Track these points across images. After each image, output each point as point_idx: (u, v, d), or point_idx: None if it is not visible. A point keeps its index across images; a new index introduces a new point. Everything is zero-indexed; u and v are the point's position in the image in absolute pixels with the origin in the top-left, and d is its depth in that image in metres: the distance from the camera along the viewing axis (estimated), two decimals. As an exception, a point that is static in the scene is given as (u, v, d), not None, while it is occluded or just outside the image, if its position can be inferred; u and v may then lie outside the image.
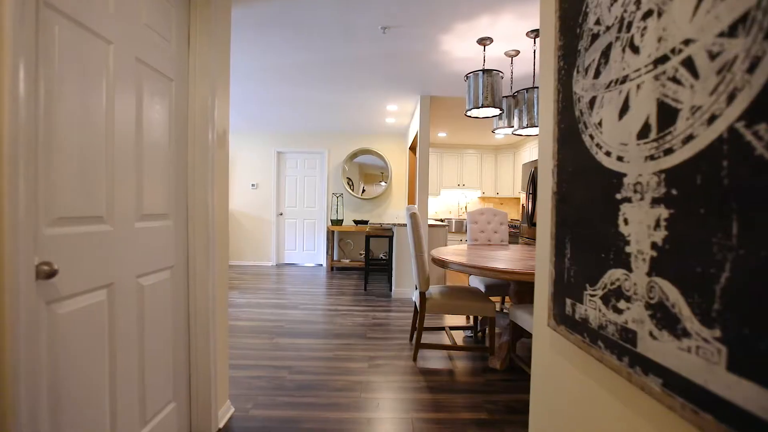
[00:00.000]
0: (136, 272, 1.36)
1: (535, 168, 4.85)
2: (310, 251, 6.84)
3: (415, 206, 2.77)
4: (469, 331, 3.21)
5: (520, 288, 2.74)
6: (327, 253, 6.33)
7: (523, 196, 5.33)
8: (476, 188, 7.42)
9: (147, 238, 1.42)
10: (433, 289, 2.85)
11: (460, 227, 7.14)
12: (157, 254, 1.48)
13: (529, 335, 2.94)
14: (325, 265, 6.69)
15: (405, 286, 4.55)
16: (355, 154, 6.67)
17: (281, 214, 6.83)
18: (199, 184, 1.72)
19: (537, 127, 2.53)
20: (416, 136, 4.97)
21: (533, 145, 6.18)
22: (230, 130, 6.41)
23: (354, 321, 3.58)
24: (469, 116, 2.83)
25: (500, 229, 3.71)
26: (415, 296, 2.95)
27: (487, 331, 3.24)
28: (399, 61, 3.35)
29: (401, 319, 3.66)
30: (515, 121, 2.74)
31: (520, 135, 2.85)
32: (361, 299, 4.41)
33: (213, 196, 1.77)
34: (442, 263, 2.60)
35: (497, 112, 2.74)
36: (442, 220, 7.08)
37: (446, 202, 7.73)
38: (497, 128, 3.03)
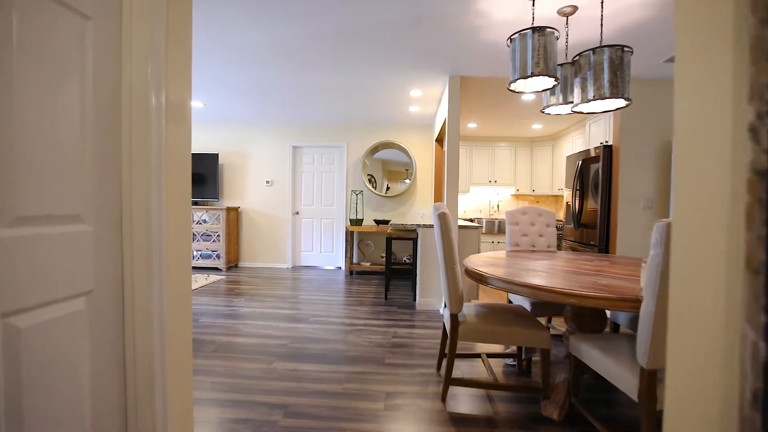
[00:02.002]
0: (4, 308, 0.86)
1: (583, 161, 4.15)
2: (328, 253, 6.36)
3: (444, 204, 2.20)
4: (511, 359, 2.61)
5: (580, 310, 2.11)
6: (345, 255, 5.82)
7: (567, 194, 4.63)
8: (509, 185, 6.74)
9: (30, 251, 0.92)
10: (468, 310, 2.26)
11: (492, 228, 6.48)
12: (54, 275, 0.98)
13: (594, 372, 2.31)
14: (343, 268, 6.19)
15: (431, 296, 3.97)
16: (376, 148, 6.13)
17: (297, 213, 6.39)
18: (138, 174, 1.22)
19: (609, 98, 1.89)
20: (444, 125, 4.37)
21: (576, 135, 5.44)
22: (242, 121, 6.01)
23: (371, 340, 3.03)
24: (513, 90, 2.22)
25: (546, 232, 3.07)
26: (444, 315, 2.38)
27: (530, 360, 2.62)
28: (424, 30, 2.77)
29: (426, 338, 3.09)
30: (575, 95, 2.11)
31: (580, 113, 2.21)
32: (381, 311, 3.87)
33: (161, 191, 1.26)
34: (479, 278, 2.01)
35: (551, 82, 2.11)
36: (471, 220, 6.43)
37: (476, 201, 7.08)
38: (548, 106, 2.40)
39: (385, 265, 4.41)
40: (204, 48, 3.19)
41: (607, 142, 4.12)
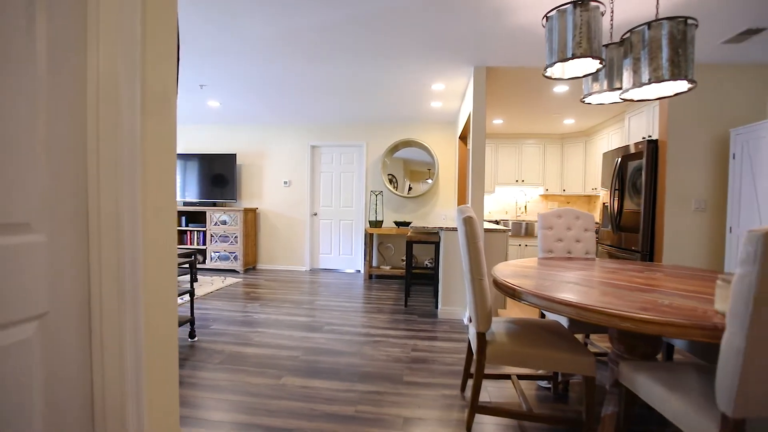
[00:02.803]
0: None
1: (622, 158, 3.78)
2: (347, 256, 6.17)
3: (470, 207, 1.94)
4: (546, 381, 2.32)
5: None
6: (364, 258, 5.61)
7: (603, 194, 4.25)
8: (538, 184, 6.36)
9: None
10: (497, 326, 2.00)
11: (519, 230, 6.13)
12: (-10, 301, 0.80)
13: (645, 404, 2.00)
14: (362, 272, 5.99)
15: (454, 304, 3.70)
16: (396, 147, 5.89)
17: (315, 215, 6.23)
18: (107, 176, 1.03)
19: (669, 81, 1.59)
20: (468, 120, 4.09)
21: (613, 130, 5.04)
22: (259, 121, 5.89)
23: (388, 353, 2.80)
24: (549, 77, 1.94)
25: (584, 238, 2.75)
26: (469, 330, 2.12)
27: (567, 383, 2.32)
28: (444, 15, 2.52)
29: (449, 352, 2.83)
30: (624, 79, 1.81)
31: (630, 101, 1.91)
32: (401, 319, 3.63)
33: (135, 194, 1.07)
34: (510, 292, 1.74)
35: (596, 65, 1.82)
36: (497, 222, 6.11)
37: (502, 201, 6.73)
38: (590, 95, 2.10)
39: (406, 270, 4.17)
40: (215, 43, 3.05)
41: (650, 136, 3.74)
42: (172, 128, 1.24)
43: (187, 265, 6.04)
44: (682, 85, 1.73)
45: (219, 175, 6.01)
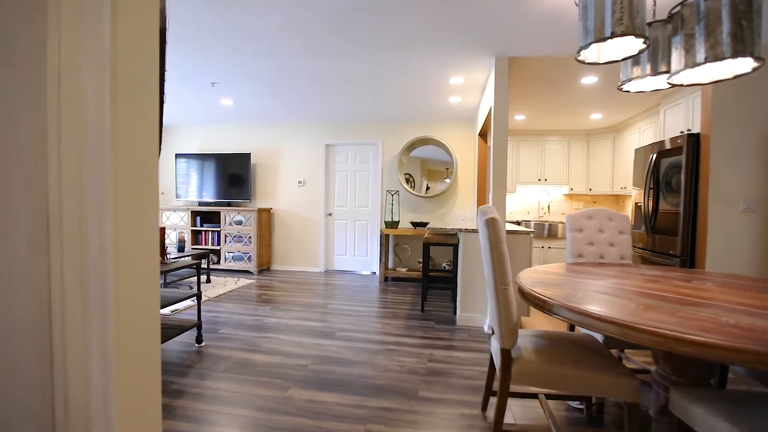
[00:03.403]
0: None
1: (658, 153, 3.49)
2: (362, 257, 6.02)
3: (492, 207, 1.74)
4: (578, 402, 2.09)
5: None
6: (380, 260, 5.44)
7: (635, 193, 3.95)
8: (562, 183, 6.06)
9: None
10: (523, 341, 1.79)
11: (542, 231, 5.84)
12: None
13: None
14: (378, 274, 5.82)
15: (473, 311, 3.48)
16: (412, 144, 5.69)
17: (330, 215, 6.09)
18: (69, 174, 0.89)
19: (730, 59, 1.35)
20: (488, 116, 3.86)
21: (645, 124, 4.71)
22: (273, 120, 5.78)
23: (403, 363, 2.62)
24: (582, 61, 1.72)
25: (619, 241, 2.50)
26: (492, 345, 1.93)
27: (602, 405, 2.09)
28: (465, 0, 2.32)
29: (469, 364, 2.62)
30: (673, 60, 1.57)
31: (680, 85, 1.67)
32: (417, 326, 3.44)
33: (103, 195, 0.92)
34: (540, 304, 1.53)
35: (639, 45, 1.59)
36: (518, 223, 5.84)
37: (523, 201, 6.45)
38: (629, 81, 1.86)
39: (422, 273, 3.98)
40: (220, 38, 2.93)
41: (689, 130, 3.43)
42: (152, 122, 1.09)
43: (204, 265, 6.01)
44: (746, 65, 1.49)
45: (235, 174, 5.95)
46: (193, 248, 5.91)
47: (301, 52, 3.21)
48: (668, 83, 1.65)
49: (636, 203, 3.90)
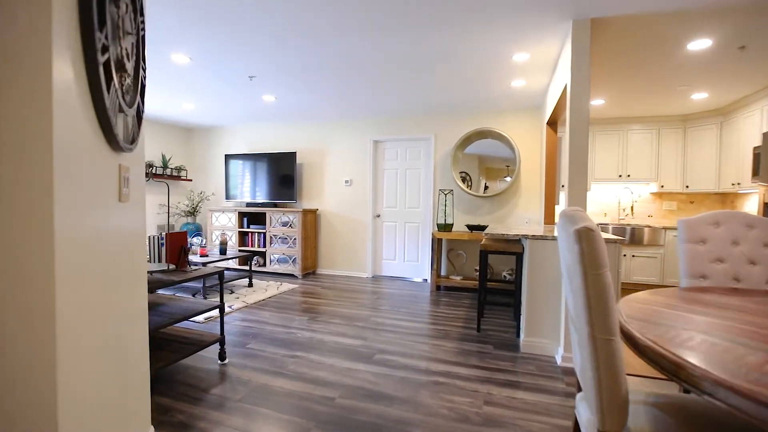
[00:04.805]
0: None
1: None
2: (413, 262, 5.52)
3: (581, 210, 1.17)
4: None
5: None
6: (432, 266, 4.91)
7: (763, 191, 3.03)
8: (649, 180, 5.12)
9: None
10: (637, 418, 1.19)
11: (623, 236, 4.94)
12: None
13: None
14: (429, 281, 5.29)
15: (542, 336, 2.84)
16: (468, 138, 5.08)
17: (378, 216, 5.68)
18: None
19: None
20: (561, 97, 3.19)
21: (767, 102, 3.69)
22: (318, 117, 5.46)
23: (452, 405, 2.09)
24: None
25: (763, 257, 1.76)
26: (579, 415, 1.37)
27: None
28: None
29: (537, 412, 2.03)
30: None
31: None
32: (472, 351, 2.88)
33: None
34: (673, 369, 0.94)
35: None
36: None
37: (599, 201, 5.57)
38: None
39: (479, 285, 3.39)
40: (252, 24, 2.61)
41: None
42: (40, 102, 0.71)
43: (246, 267, 5.88)
44: None
45: (281, 175, 5.75)
46: (240, 250, 5.80)
47: (343, 30, 2.80)
48: None
49: (766, 203, 2.99)
